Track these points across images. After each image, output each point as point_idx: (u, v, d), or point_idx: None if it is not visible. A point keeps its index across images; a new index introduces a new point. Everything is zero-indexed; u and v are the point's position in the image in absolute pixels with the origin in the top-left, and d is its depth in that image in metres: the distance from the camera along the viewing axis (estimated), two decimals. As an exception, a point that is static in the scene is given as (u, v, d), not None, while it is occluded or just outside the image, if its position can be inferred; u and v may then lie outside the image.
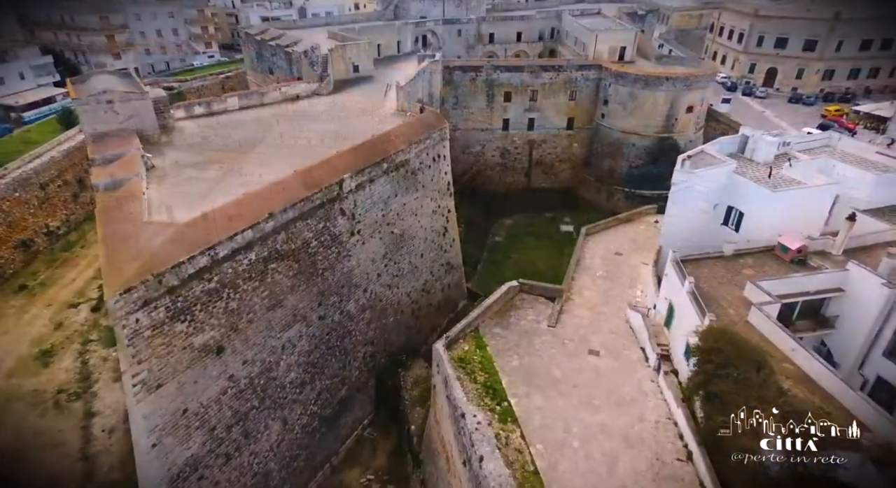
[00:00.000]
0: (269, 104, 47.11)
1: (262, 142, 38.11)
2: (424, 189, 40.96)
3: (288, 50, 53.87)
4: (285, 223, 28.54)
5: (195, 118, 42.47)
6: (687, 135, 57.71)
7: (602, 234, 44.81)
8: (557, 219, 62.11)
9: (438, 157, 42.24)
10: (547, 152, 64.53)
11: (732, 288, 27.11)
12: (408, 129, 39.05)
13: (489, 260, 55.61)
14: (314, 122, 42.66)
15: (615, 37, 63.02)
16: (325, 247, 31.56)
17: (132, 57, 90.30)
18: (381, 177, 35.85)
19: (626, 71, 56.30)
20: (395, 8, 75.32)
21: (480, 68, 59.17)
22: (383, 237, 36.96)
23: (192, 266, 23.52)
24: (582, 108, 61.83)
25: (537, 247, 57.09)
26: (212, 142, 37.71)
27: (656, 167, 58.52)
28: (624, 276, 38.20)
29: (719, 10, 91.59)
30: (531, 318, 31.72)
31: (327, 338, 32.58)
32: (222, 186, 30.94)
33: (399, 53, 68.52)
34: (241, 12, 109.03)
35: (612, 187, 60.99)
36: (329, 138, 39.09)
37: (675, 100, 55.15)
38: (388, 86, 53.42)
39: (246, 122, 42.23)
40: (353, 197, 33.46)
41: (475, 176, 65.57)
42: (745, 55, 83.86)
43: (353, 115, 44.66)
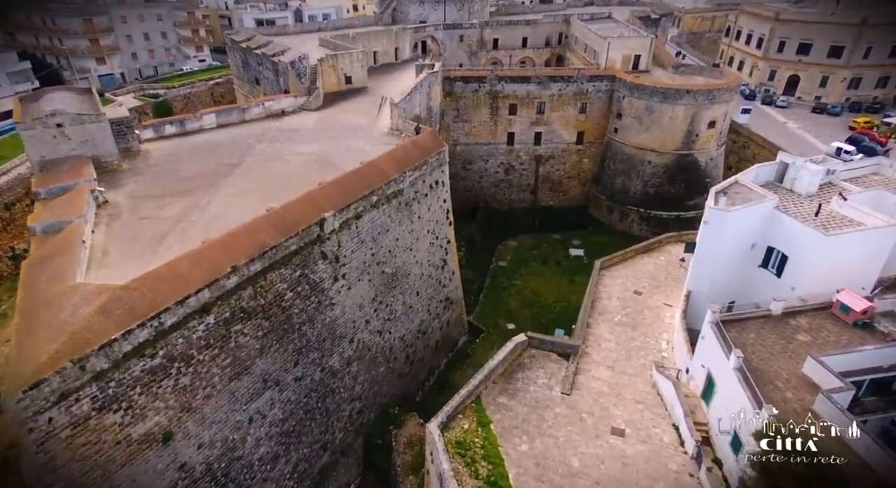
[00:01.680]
0: (250, 121, 42.78)
1: (237, 169, 33.74)
2: (420, 220, 36.52)
3: (274, 59, 49.44)
4: (253, 275, 24.13)
5: (166, 139, 38.12)
6: (708, 153, 53.11)
7: (618, 268, 40.27)
8: (566, 241, 57.56)
9: (436, 184, 37.78)
10: (555, 168, 60.00)
11: (787, 360, 22.59)
12: (402, 154, 34.59)
13: (492, 287, 51.11)
14: (299, 143, 38.28)
15: (629, 44, 58.42)
16: (302, 298, 27.13)
17: (117, 61, 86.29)
18: (371, 212, 31.42)
19: (643, 82, 51.71)
20: (393, 12, 70.81)
21: (484, 79, 54.65)
22: (373, 279, 32.52)
23: (128, 342, 19.13)
24: (593, 121, 57.28)
25: (544, 274, 52.57)
26: (180, 169, 33.34)
27: (674, 186, 53.99)
28: (646, 322, 33.70)
29: (736, 13, 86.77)
30: (542, 382, 27.22)
31: (305, 402, 28.16)
32: (183, 228, 26.58)
33: (397, 60, 64.18)
34: (234, 14, 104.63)
35: (625, 207, 56.41)
36: (313, 164, 34.73)
37: (696, 114, 50.54)
38: (382, 99, 49.12)
39: (222, 144, 37.86)
40: (337, 237, 29.02)
41: (477, 193, 61.08)
42: (764, 61, 79.07)
43: (343, 134, 40.27)
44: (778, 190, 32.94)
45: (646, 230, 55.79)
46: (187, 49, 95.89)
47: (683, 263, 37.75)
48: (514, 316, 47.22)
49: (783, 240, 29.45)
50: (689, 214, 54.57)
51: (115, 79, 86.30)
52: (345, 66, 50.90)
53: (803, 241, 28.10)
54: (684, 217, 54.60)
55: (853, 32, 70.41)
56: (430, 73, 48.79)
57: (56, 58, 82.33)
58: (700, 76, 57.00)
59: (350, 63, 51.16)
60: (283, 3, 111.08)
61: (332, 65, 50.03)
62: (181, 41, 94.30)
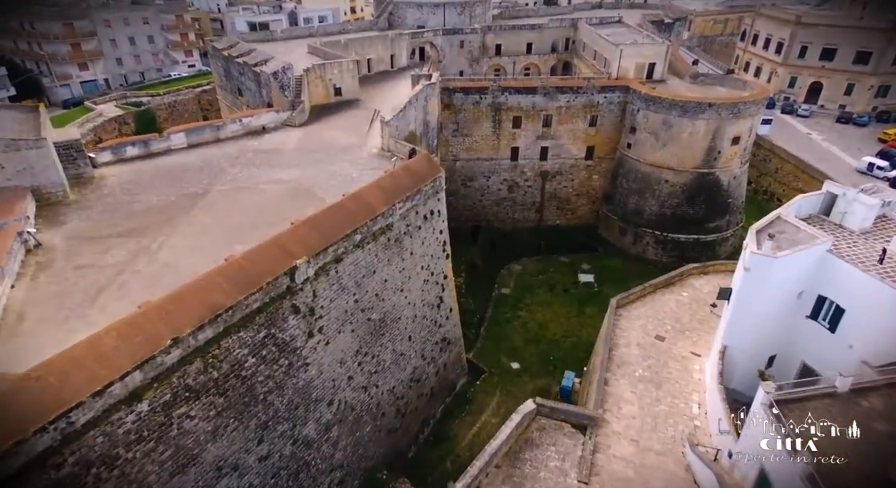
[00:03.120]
0: (226, 140, 38.47)
1: (201, 201, 29.38)
2: (413, 256, 32.12)
3: (256, 69, 45.13)
4: (203, 345, 19.75)
5: (127, 162, 33.82)
6: (731, 171, 48.57)
7: (636, 307, 35.77)
8: (574, 264, 53.07)
9: (431, 214, 33.37)
10: (562, 185, 55.56)
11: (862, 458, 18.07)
12: (391, 183, 30.18)
13: (494, 319, 46.63)
14: (277, 168, 33.93)
15: (643, 52, 53.93)
16: (268, 363, 22.74)
17: (101, 67, 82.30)
18: (354, 253, 27.03)
19: (660, 95, 47.21)
20: (390, 16, 66.49)
21: (485, 90, 50.25)
22: (356, 328, 28.12)
23: (23, 453, 14.78)
24: (604, 135, 52.82)
25: (551, 303, 48.09)
26: (136, 201, 29.00)
27: (693, 208, 49.47)
28: (672, 378, 29.20)
29: (753, 17, 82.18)
30: (554, 464, 22.76)
31: (273, 482, 23.77)
32: (123, 281, 22.22)
33: (393, 68, 59.91)
34: (225, 17, 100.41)
35: (639, 229, 51.90)
36: (290, 194, 30.38)
37: (718, 129, 46.02)
38: (374, 113, 44.80)
39: (190, 168, 33.53)
40: (312, 286, 24.63)
41: (478, 212, 56.67)
42: (784, 67, 74.48)
43: (328, 155, 35.94)
44: (825, 225, 28.54)
45: (661, 254, 51.35)
46: (176, 54, 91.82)
47: (714, 309, 33.16)
48: (519, 353, 42.80)
49: (838, 290, 24.96)
50: (709, 238, 50.15)
51: (98, 85, 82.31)
52: (334, 77, 46.59)
53: (866, 293, 23.61)
54: (704, 240, 50.17)
55: (882, 37, 65.79)
56: (427, 85, 44.41)
57: (36, 63, 78.20)
58: (721, 86, 52.47)
59: (340, 73, 46.84)
60: (278, 5, 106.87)
61: (320, 75, 45.72)
62: (169, 45, 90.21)
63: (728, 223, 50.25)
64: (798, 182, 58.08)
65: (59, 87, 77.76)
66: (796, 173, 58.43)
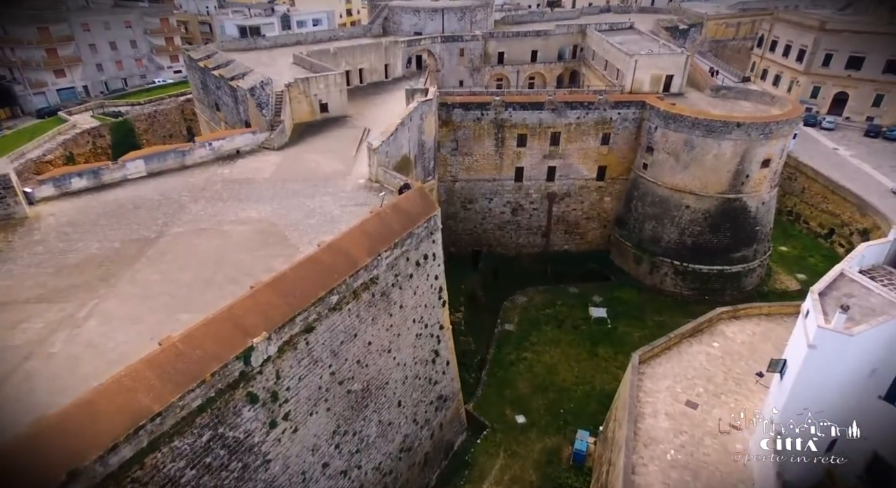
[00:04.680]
0: (193, 166, 33.82)
1: (152, 247, 24.75)
2: (403, 310, 27.44)
3: (233, 84, 40.45)
4: (117, 469, 15.08)
5: (72, 196, 29.17)
6: (759, 196, 43.85)
7: (660, 362, 31.06)
8: (585, 296, 48.37)
9: (425, 259, 28.67)
10: (571, 208, 50.87)
11: None
12: (378, 226, 25.50)
13: (497, 361, 41.90)
14: (247, 202, 29.33)
15: (660, 63, 49.30)
16: (213, 472, 18.04)
17: (79, 74, 77.57)
18: (330, 317, 22.37)
19: (681, 112, 42.50)
20: (384, 21, 61.86)
21: (487, 105, 45.56)
22: (333, 405, 23.45)
23: None
24: (618, 154, 48.14)
25: (560, 342, 43.39)
26: (72, 249, 24.37)
27: (717, 236, 44.76)
28: (711, 463, 24.49)
29: (771, 22, 77.39)
30: None
31: None
32: (28, 371, 17.54)
33: (388, 78, 55.45)
34: (214, 20, 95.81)
35: (656, 258, 47.18)
36: (258, 238, 25.74)
37: (747, 151, 41.33)
38: (364, 132, 40.25)
39: (146, 203, 28.90)
40: (275, 366, 19.95)
41: (479, 236, 52.00)
42: (806, 76, 69.76)
43: (308, 185, 31.33)
44: (894, 279, 23.86)
45: (681, 286, 46.67)
46: (161, 59, 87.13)
47: (760, 379, 28.41)
48: (525, 403, 38.11)
49: (922, 370, 20.32)
50: (734, 269, 45.45)
51: (77, 93, 77.64)
52: (319, 92, 41.98)
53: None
54: (729, 272, 45.49)
55: (915, 46, 61.15)
56: (423, 102, 39.72)
57: (9, 69, 73.42)
58: (746, 101, 47.83)
59: (326, 88, 42.22)
60: (270, 8, 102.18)
61: (304, 91, 41.13)
62: (153, 50, 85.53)
63: (755, 253, 45.56)
64: (827, 203, 53.41)
65: (34, 95, 73.07)
66: (825, 194, 53.73)
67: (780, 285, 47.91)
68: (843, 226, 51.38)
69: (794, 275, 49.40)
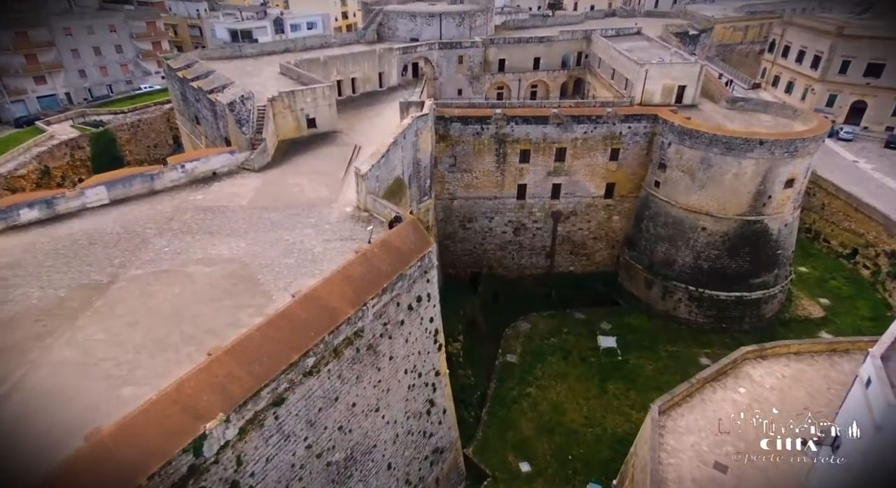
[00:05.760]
0: (163, 192, 30.58)
1: (103, 295, 21.52)
2: (394, 361, 24.19)
3: (211, 97, 37.19)
4: None
5: (20, 230, 25.91)
6: (782, 218, 40.65)
7: (682, 413, 27.88)
8: (592, 322, 45.16)
9: (419, 301, 25.42)
10: (577, 227, 47.63)
11: None
12: (364, 269, 22.25)
13: (498, 397, 38.64)
14: (219, 235, 26.14)
15: (672, 73, 46.02)
16: None
17: (61, 81, 74.24)
18: (305, 383, 19.12)
19: (698, 128, 39.30)
20: (379, 27, 58.61)
21: (488, 119, 42.33)
22: (310, 483, 20.16)
23: None
24: (627, 170, 44.93)
25: (566, 376, 40.16)
26: (9, 300, 21.09)
27: (736, 260, 41.54)
28: (748, 546, 21.25)
29: (784, 26, 74.19)
30: None
31: None
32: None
33: (382, 88, 52.20)
34: (205, 24, 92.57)
35: (669, 283, 43.95)
36: (227, 281, 22.53)
37: (770, 170, 38.13)
38: (355, 150, 37.12)
39: (103, 238, 25.70)
40: (235, 451, 16.70)
41: (479, 257, 48.76)
42: (821, 84, 66.59)
43: (289, 215, 28.14)
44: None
45: (696, 313, 43.47)
46: (148, 64, 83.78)
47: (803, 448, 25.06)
48: (529, 447, 34.87)
49: None
50: (753, 296, 42.26)
51: (58, 100, 74.32)
52: (306, 106, 38.74)
53: None
54: (748, 299, 42.29)
55: (938, 53, 58.02)
56: (418, 117, 36.47)
57: (-13, 77, 70.14)
58: (765, 113, 44.60)
59: (314, 101, 38.97)
60: (262, 11, 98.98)
61: (289, 105, 37.89)
62: (140, 55, 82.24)
63: (776, 278, 42.35)
64: (850, 222, 50.22)
65: (12, 104, 69.74)
66: (847, 211, 50.53)
67: (802, 311, 44.70)
68: (867, 247, 48.19)
69: (816, 299, 46.18)
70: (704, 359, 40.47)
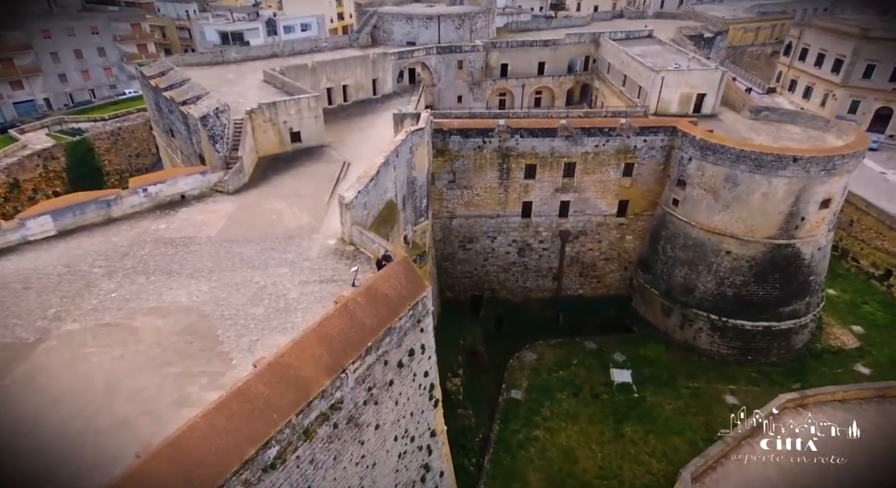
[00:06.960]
0: (122, 219, 26.83)
1: (24, 362, 17.85)
2: (380, 430, 20.39)
3: (184, 109, 33.41)
4: None
5: (-55, 270, 22.15)
6: (816, 241, 36.89)
7: (717, 478, 24.15)
8: (604, 353, 41.39)
9: (411, 356, 21.61)
10: (587, 247, 43.85)
11: None
12: (345, 325, 18.45)
13: (502, 441, 34.81)
14: (179, 276, 22.45)
15: (691, 80, 42.38)
16: None
17: (39, 86, 70.50)
18: (267, 478, 15.31)
19: (723, 142, 35.54)
20: (373, 30, 54.87)
21: (490, 131, 38.58)
22: None
23: None
24: (642, 187, 41.17)
25: (578, 416, 36.37)
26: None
27: (764, 288, 37.78)
28: None
29: (801, 28, 70.42)
30: None
31: None
32: None
33: (376, 95, 48.53)
34: (194, 25, 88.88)
35: (689, 310, 40.17)
36: (180, 339, 18.83)
37: (803, 190, 34.37)
38: (343, 167, 33.44)
39: (41, 280, 21.97)
40: None
41: (481, 280, 44.99)
42: (843, 89, 62.83)
43: (263, 249, 24.37)
44: None
45: (719, 344, 39.70)
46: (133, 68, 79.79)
47: None
48: (537, 503, 31.10)
49: None
50: (783, 326, 38.51)
51: (37, 106, 70.55)
52: (290, 119, 35.02)
53: None
54: (777, 329, 38.49)
55: (971, 57, 54.27)
56: (413, 132, 32.70)
57: (-40, 82, 66.41)
58: (793, 124, 40.84)
59: (298, 113, 35.25)
60: (254, 12, 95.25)
61: (270, 118, 34.17)
62: (124, 59, 78.41)
63: (808, 306, 38.60)
64: (882, 240, 46.49)
65: (-14, 110, 66.12)
66: (878, 229, 46.79)
67: (835, 341, 40.93)
68: (902, 268, 44.50)
69: (848, 327, 42.41)
70: (730, 396, 36.74)
